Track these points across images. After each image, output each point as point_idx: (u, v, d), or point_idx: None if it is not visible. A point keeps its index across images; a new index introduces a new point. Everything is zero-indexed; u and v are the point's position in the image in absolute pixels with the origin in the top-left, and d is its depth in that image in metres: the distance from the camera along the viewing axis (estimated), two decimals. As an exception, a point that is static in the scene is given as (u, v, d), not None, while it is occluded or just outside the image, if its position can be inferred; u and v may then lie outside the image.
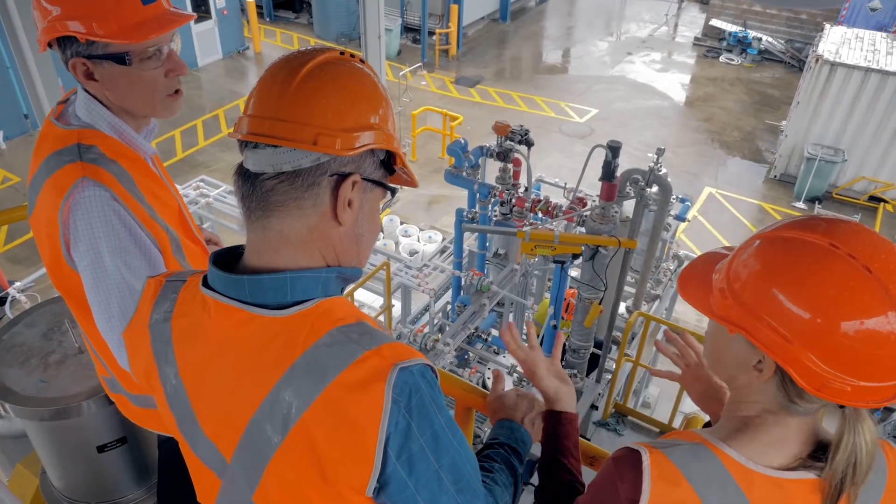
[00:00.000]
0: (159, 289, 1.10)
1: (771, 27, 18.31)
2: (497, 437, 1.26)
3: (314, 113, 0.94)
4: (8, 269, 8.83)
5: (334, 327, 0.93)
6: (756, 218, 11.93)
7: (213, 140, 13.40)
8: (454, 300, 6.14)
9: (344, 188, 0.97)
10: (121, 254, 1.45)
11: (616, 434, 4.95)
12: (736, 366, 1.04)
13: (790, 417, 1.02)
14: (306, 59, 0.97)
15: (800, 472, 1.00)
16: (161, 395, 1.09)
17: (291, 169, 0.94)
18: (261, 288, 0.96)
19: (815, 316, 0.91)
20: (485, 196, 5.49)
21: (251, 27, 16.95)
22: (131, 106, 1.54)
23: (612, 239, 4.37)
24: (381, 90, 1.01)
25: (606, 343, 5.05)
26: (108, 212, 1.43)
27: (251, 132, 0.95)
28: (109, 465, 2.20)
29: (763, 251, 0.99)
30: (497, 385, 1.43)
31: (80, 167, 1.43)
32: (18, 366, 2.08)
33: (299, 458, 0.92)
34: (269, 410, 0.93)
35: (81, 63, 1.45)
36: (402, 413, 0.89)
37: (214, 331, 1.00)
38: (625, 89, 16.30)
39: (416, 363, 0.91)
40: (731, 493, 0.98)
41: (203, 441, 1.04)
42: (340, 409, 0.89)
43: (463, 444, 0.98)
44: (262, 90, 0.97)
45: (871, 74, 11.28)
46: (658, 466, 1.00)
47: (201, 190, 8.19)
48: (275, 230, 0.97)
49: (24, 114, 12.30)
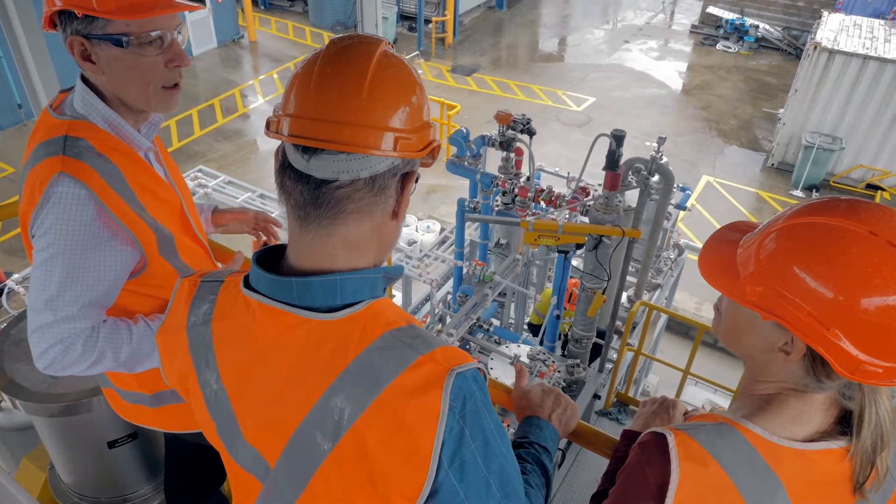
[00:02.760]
0: (194, 289, 1.06)
1: (768, 14, 18.26)
2: (526, 435, 1.24)
3: (389, 116, 0.90)
4: (4, 260, 8.77)
5: (386, 331, 0.91)
6: (754, 206, 11.95)
7: (208, 130, 13.31)
8: (455, 290, 6.13)
9: (409, 186, 0.96)
10: (72, 257, 1.40)
11: (618, 423, 4.96)
12: (758, 346, 1.04)
13: (812, 394, 1.03)
14: (365, 55, 0.91)
15: (824, 442, 1.02)
16: (199, 400, 1.06)
17: (369, 175, 0.91)
18: (310, 290, 0.93)
19: (850, 299, 0.91)
20: (487, 186, 5.46)
21: (246, 16, 16.79)
22: (125, 94, 1.47)
23: (617, 229, 4.35)
24: (421, 80, 0.98)
25: (609, 333, 5.05)
26: (76, 212, 1.38)
27: (319, 138, 0.88)
28: (119, 461, 2.19)
29: (791, 237, 0.98)
30: (521, 380, 1.41)
31: (59, 161, 1.38)
32: (27, 361, 2.05)
33: (350, 465, 0.90)
34: (320, 416, 0.91)
35: (79, 42, 1.39)
36: (457, 419, 0.87)
37: (260, 334, 0.97)
38: (622, 77, 16.25)
39: (470, 367, 0.89)
40: (759, 468, 0.99)
41: (244, 447, 1.02)
42: (396, 416, 0.87)
43: (509, 449, 0.97)
44: (319, 90, 0.90)
45: (870, 62, 11.27)
46: (684, 447, 1.00)
47: (199, 180, 8.15)
48: (340, 236, 0.94)
49: (18, 104, 12.18)
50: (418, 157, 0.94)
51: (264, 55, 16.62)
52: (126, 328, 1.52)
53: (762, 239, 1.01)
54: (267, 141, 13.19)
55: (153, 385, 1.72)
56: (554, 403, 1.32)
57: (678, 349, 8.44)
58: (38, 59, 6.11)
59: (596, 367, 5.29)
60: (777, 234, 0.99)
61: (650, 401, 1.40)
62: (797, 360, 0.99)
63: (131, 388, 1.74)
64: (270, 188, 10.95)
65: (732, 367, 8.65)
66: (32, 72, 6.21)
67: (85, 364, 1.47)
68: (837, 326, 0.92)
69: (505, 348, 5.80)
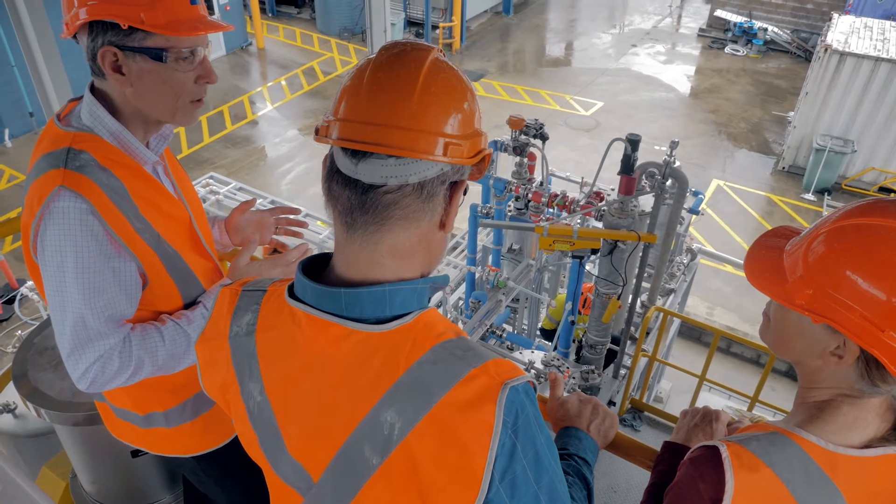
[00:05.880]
0: (236, 299, 1.05)
1: (776, 17, 18.20)
2: (566, 446, 1.21)
3: (440, 121, 0.89)
4: (17, 267, 8.81)
5: (437, 343, 0.89)
6: (764, 210, 11.88)
7: (217, 136, 13.36)
8: (468, 296, 6.11)
9: (458, 195, 0.94)
10: (86, 273, 1.37)
11: (633, 430, 4.92)
12: (809, 351, 1.02)
13: (867, 399, 1.01)
14: (417, 60, 0.91)
15: (882, 448, 0.99)
16: (241, 411, 1.04)
17: (418, 181, 0.89)
18: (359, 302, 0.91)
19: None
20: (500, 191, 5.45)
21: (254, 23, 16.88)
22: (151, 107, 1.45)
23: (632, 233, 4.33)
24: (473, 88, 0.97)
25: (624, 338, 5.02)
26: (80, 227, 1.35)
27: (368, 141, 0.87)
28: (142, 470, 2.18)
29: (841, 239, 0.96)
30: (556, 390, 1.39)
31: (60, 174, 1.35)
32: (52, 369, 2.05)
33: (399, 480, 0.88)
34: (369, 431, 0.89)
35: (112, 53, 1.37)
36: (509, 434, 0.85)
37: (307, 346, 0.95)
38: (630, 81, 16.22)
39: (522, 381, 0.87)
40: (816, 476, 0.96)
41: (287, 460, 1.00)
42: (449, 431, 0.85)
43: (558, 463, 0.95)
44: (371, 95, 0.89)
45: (881, 64, 11.20)
46: (738, 457, 0.98)
47: (210, 187, 8.17)
48: (387, 244, 0.92)
49: (30, 112, 12.26)
50: (468, 163, 0.92)
51: (272, 62, 16.69)
52: (156, 331, 1.50)
53: (810, 242, 1.00)
54: (275, 147, 13.23)
55: (146, 406, 1.69)
56: (592, 413, 1.30)
57: (690, 354, 8.39)
58: (50, 67, 6.14)
59: (610, 372, 5.26)
60: (826, 237, 0.98)
61: (691, 412, 1.38)
62: (850, 363, 0.97)
63: (124, 406, 1.71)
64: (280, 194, 10.97)
65: (745, 372, 8.60)
66: (45, 80, 6.23)
67: (125, 375, 1.45)
68: (893, 328, 0.91)
69: (518, 354, 5.77)
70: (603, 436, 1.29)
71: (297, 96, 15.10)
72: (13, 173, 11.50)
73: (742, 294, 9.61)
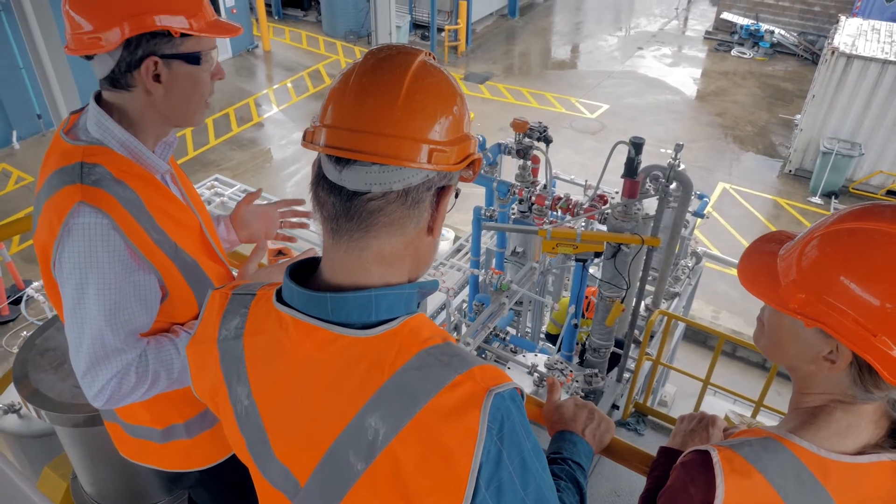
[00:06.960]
0: (225, 302, 1.05)
1: (783, 20, 18.13)
2: (560, 450, 1.21)
3: (424, 128, 0.89)
4: (23, 268, 8.87)
5: (422, 349, 0.89)
6: (771, 213, 11.82)
7: (223, 139, 13.41)
8: (471, 298, 6.10)
9: (446, 201, 0.94)
10: (108, 290, 1.36)
11: (637, 434, 4.90)
12: (802, 356, 1.02)
13: (861, 405, 1.00)
14: (403, 65, 0.90)
15: (876, 455, 0.99)
16: (229, 415, 1.04)
17: (402, 188, 0.89)
18: (344, 306, 0.91)
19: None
20: (504, 194, 5.43)
21: (260, 25, 16.95)
22: (180, 110, 1.47)
23: (636, 237, 4.31)
24: (461, 92, 0.96)
25: (628, 342, 5.00)
26: (101, 242, 1.33)
27: (352, 148, 0.87)
28: (142, 472, 2.17)
29: (834, 243, 0.96)
30: (553, 394, 1.39)
31: (78, 190, 1.33)
32: (53, 371, 2.05)
33: (383, 486, 0.88)
34: (353, 436, 0.89)
35: (154, 62, 1.37)
36: (494, 440, 0.85)
37: (294, 350, 0.95)
38: (635, 84, 16.19)
39: (508, 387, 0.87)
40: (808, 483, 0.96)
41: (274, 464, 1.00)
42: (433, 437, 0.84)
43: (546, 469, 0.94)
44: (356, 101, 0.89)
45: (889, 67, 11.14)
46: (729, 462, 0.97)
47: (215, 189, 8.19)
48: (373, 250, 0.92)
49: (38, 114, 12.34)
50: (454, 170, 0.92)
51: (278, 65, 16.75)
52: (170, 343, 1.49)
53: (804, 246, 0.99)
54: (281, 150, 13.27)
55: (166, 419, 1.67)
56: (587, 418, 1.29)
57: (694, 358, 8.35)
58: (58, 69, 6.19)
59: (614, 376, 5.24)
60: (819, 241, 0.97)
61: (688, 417, 1.37)
62: (843, 368, 0.97)
63: (140, 423, 1.69)
64: (285, 197, 10.99)
65: (750, 376, 8.55)
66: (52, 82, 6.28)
67: (142, 389, 1.45)
68: (885, 333, 0.90)
69: (522, 357, 5.76)
70: (598, 440, 1.28)
71: (303, 99, 15.14)
72: (21, 174, 11.57)
73: (748, 298, 9.45)
